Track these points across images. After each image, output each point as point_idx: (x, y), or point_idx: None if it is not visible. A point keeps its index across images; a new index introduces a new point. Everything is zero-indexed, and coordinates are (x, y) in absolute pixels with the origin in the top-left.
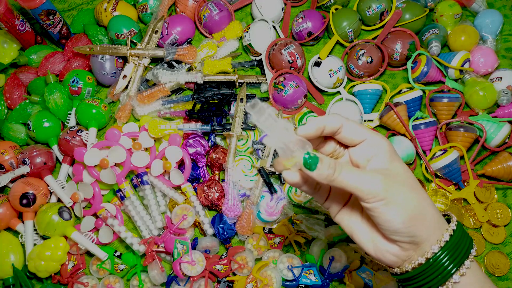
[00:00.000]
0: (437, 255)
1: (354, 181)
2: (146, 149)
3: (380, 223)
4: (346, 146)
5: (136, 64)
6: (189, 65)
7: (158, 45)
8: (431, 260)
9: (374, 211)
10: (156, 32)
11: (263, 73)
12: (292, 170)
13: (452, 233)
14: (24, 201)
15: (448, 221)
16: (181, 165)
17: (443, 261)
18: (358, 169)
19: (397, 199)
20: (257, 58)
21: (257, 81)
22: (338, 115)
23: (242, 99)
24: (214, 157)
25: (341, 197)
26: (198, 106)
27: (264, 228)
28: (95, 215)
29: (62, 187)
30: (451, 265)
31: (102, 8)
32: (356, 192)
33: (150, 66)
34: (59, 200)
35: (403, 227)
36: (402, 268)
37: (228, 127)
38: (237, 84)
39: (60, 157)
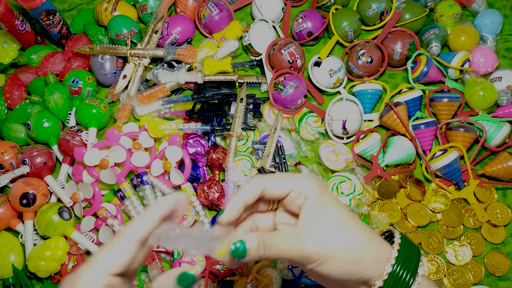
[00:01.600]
0: (393, 272)
1: (285, 253)
2: (146, 149)
3: (324, 277)
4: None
5: (136, 64)
6: (189, 65)
7: (158, 45)
8: (387, 281)
9: (313, 271)
10: (156, 32)
11: (263, 73)
12: (227, 258)
13: (397, 254)
14: (24, 201)
15: (391, 237)
16: (181, 165)
17: (400, 274)
18: (283, 239)
19: (331, 253)
20: (257, 58)
21: (257, 81)
22: (256, 180)
23: (242, 99)
24: (214, 157)
25: None
26: (198, 106)
27: None
28: (95, 215)
29: (62, 187)
30: (408, 277)
31: (102, 8)
32: (291, 261)
33: (150, 66)
34: (59, 200)
35: (345, 276)
36: None
37: (228, 127)
38: (237, 84)
39: (60, 157)
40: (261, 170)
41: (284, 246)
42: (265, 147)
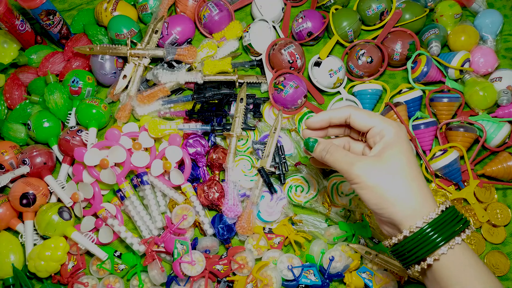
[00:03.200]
0: (423, 229)
1: (337, 163)
2: (146, 149)
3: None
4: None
5: (136, 64)
6: (189, 65)
7: (158, 45)
8: (415, 234)
9: (356, 191)
10: (156, 32)
11: (263, 73)
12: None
13: (439, 213)
14: (24, 201)
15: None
16: (181, 165)
17: (430, 234)
18: (343, 155)
19: (370, 184)
20: (257, 58)
21: (257, 81)
22: (349, 107)
23: (242, 99)
24: (214, 157)
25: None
26: (198, 106)
27: (264, 228)
28: (95, 215)
29: (62, 187)
30: (439, 238)
31: (102, 8)
32: (342, 173)
33: (150, 66)
34: (59, 200)
35: (378, 210)
36: (390, 242)
37: (228, 127)
38: (237, 84)
39: (60, 157)
40: (261, 170)
41: (339, 159)
42: (265, 147)
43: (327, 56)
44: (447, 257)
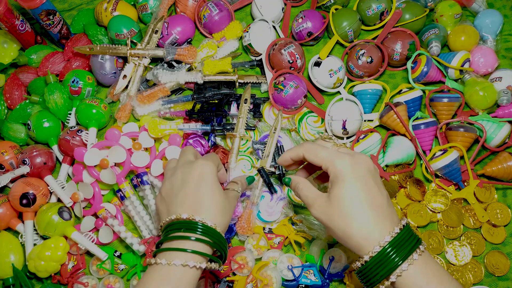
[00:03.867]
0: (380, 252)
1: (303, 199)
2: (146, 149)
3: None
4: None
5: (136, 64)
6: (189, 65)
7: (158, 45)
8: (374, 258)
9: None
10: (156, 32)
11: (263, 73)
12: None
13: (394, 235)
14: (24, 201)
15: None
16: None
17: (389, 255)
18: (307, 193)
19: (327, 225)
20: (257, 58)
21: (257, 81)
22: (302, 146)
23: (246, 99)
24: None
25: None
26: (198, 106)
27: (264, 228)
28: (95, 215)
29: (62, 187)
30: (397, 258)
31: (102, 8)
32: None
33: (150, 66)
34: (59, 200)
35: (340, 241)
36: (356, 266)
37: (228, 127)
38: (237, 84)
39: (60, 157)
40: (261, 170)
41: (304, 197)
42: (265, 147)
43: (327, 56)
44: (409, 272)
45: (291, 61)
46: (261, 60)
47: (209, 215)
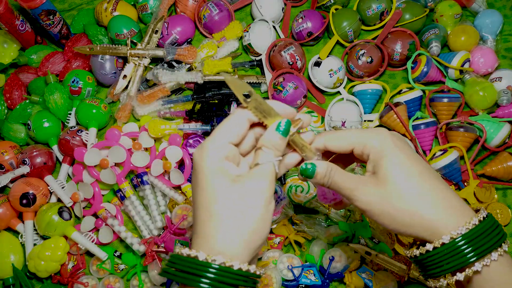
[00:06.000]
0: (450, 244)
1: (341, 190)
2: (146, 149)
3: None
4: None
5: (136, 64)
6: (189, 65)
7: (158, 45)
8: (441, 249)
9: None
10: (156, 32)
11: (263, 73)
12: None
13: (470, 227)
14: (24, 201)
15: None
16: (181, 165)
17: (461, 248)
18: (344, 179)
19: (378, 212)
20: (257, 58)
21: (257, 81)
22: (321, 135)
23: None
24: None
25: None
26: (198, 106)
27: None
28: (95, 215)
29: (62, 187)
30: (471, 254)
31: (102, 8)
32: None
33: (150, 66)
34: (59, 200)
35: (395, 232)
36: (412, 253)
37: None
38: None
39: (60, 157)
40: None
41: (341, 184)
42: None
43: (327, 56)
44: (482, 274)
45: (291, 63)
46: (261, 60)
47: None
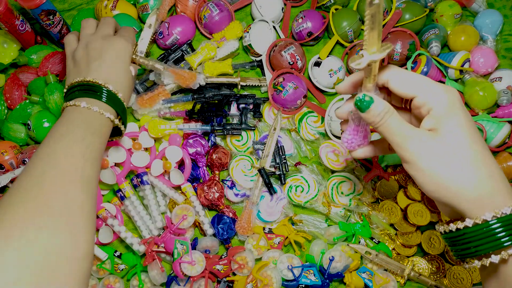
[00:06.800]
0: (489, 223)
1: (390, 135)
2: (146, 149)
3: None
4: None
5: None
6: (189, 66)
7: (158, 45)
8: (479, 226)
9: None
10: (153, 29)
11: (263, 73)
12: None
13: (509, 212)
14: None
15: None
16: (181, 165)
17: (497, 231)
18: (399, 124)
19: (423, 167)
20: (257, 59)
21: (259, 84)
22: (389, 68)
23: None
24: (214, 157)
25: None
26: (198, 106)
27: (264, 228)
28: None
29: None
30: (507, 238)
31: (102, 6)
32: (391, 144)
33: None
34: None
35: (433, 194)
36: (446, 228)
37: (228, 127)
38: (239, 86)
39: None
40: (261, 170)
41: (394, 130)
42: (264, 147)
43: (327, 56)
44: (509, 264)
45: (291, 63)
46: (261, 60)
47: (121, 88)
